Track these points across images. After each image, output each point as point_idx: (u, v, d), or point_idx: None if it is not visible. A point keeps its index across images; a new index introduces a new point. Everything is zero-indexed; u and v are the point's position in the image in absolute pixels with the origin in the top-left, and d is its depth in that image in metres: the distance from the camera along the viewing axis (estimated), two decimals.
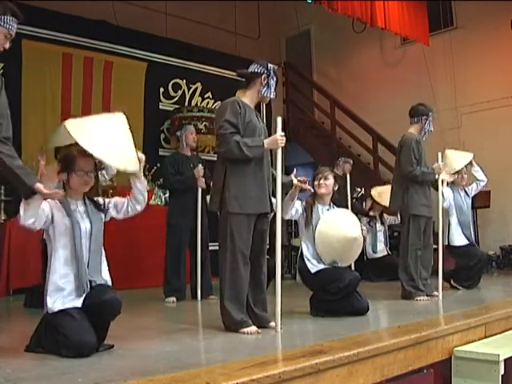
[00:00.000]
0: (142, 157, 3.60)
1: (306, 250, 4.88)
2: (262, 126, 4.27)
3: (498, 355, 3.83)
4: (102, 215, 3.64)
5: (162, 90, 10.04)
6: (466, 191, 6.94)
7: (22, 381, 2.76)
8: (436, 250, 6.17)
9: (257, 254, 4.17)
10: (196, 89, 10.49)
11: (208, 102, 10.56)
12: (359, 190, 9.51)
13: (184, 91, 10.35)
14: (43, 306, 3.40)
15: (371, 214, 8.64)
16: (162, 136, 9.95)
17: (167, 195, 7.93)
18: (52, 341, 3.32)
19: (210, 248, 6.48)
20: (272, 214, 4.17)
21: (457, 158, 6.63)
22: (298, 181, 4.49)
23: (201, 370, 2.89)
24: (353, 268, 5.41)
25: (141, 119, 9.57)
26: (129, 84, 9.37)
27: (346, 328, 4.32)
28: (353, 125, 11.17)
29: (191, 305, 5.99)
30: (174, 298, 6.08)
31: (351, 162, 8.97)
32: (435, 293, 5.90)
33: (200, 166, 6.21)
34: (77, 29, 8.77)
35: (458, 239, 6.72)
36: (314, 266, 4.82)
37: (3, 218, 7.09)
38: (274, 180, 4.07)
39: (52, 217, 3.41)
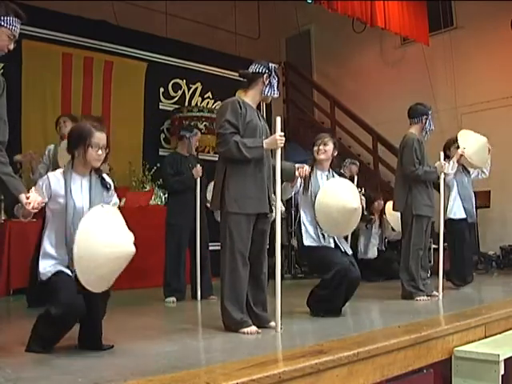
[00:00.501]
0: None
1: (305, 218, 4.85)
2: (264, 126, 4.26)
3: (498, 355, 3.83)
4: (105, 194, 3.62)
5: (162, 89, 10.03)
6: (464, 166, 6.91)
7: (22, 381, 2.76)
8: (437, 249, 6.16)
9: (257, 254, 4.17)
10: (196, 89, 10.49)
11: (208, 102, 10.56)
12: (359, 189, 9.49)
13: (184, 91, 10.35)
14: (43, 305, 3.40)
15: (371, 217, 8.59)
16: (162, 136, 9.94)
17: (167, 195, 7.93)
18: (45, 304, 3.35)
19: (210, 248, 6.48)
20: (272, 214, 4.16)
21: (471, 141, 6.65)
22: (299, 172, 4.45)
23: (201, 369, 2.89)
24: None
25: (141, 119, 9.59)
26: (129, 84, 9.37)
27: (345, 328, 4.33)
28: (353, 125, 11.18)
29: (191, 305, 5.99)
30: (173, 298, 6.07)
31: (357, 163, 8.98)
32: (435, 293, 5.90)
33: (198, 166, 6.20)
34: (77, 29, 8.76)
35: (457, 212, 6.72)
36: (307, 238, 4.80)
37: (3, 217, 7.09)
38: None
39: (51, 194, 3.42)
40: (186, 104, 10.21)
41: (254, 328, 3.99)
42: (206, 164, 6.41)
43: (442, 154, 5.99)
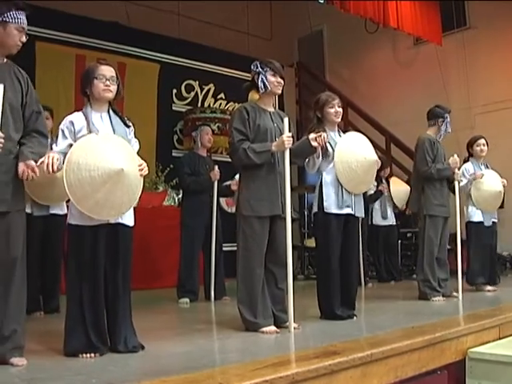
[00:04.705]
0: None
1: (326, 179, 4.65)
2: (277, 128, 4.25)
3: None
4: (127, 130, 3.63)
5: (174, 91, 10.08)
6: (486, 165, 6.85)
7: (36, 381, 2.78)
8: (454, 250, 6.11)
9: (274, 255, 4.18)
10: (209, 90, 10.52)
11: (221, 103, 10.59)
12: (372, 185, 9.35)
13: (197, 92, 10.38)
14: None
15: (380, 188, 8.41)
16: (175, 137, 9.98)
17: (180, 196, 7.95)
18: None
19: (224, 249, 6.49)
20: (287, 215, 4.13)
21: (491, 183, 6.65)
22: (316, 139, 4.24)
23: (214, 370, 2.90)
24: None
25: (154, 120, 9.63)
26: (142, 85, 9.39)
27: (359, 329, 4.33)
28: (365, 125, 11.13)
29: (205, 306, 6.00)
30: (187, 299, 6.08)
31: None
32: (454, 293, 5.89)
33: (216, 168, 6.20)
34: (90, 30, 8.82)
35: (474, 215, 6.67)
36: (327, 199, 4.61)
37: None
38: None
39: (75, 133, 3.43)
40: (199, 105, 10.25)
41: (272, 328, 4.01)
42: (219, 165, 6.41)
43: (456, 156, 5.97)
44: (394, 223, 8.60)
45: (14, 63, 3.31)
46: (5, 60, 3.24)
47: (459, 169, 6.07)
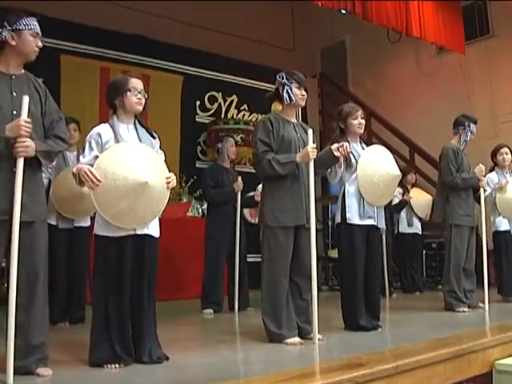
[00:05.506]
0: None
1: (349, 190, 4.65)
2: (300, 139, 4.26)
3: None
4: (153, 141, 3.65)
5: (198, 102, 10.13)
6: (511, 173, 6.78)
7: None
8: (480, 260, 6.03)
9: (299, 266, 4.17)
10: (232, 101, 10.57)
11: (244, 114, 10.62)
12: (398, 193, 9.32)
13: (220, 104, 10.43)
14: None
15: (405, 197, 8.39)
16: (199, 148, 10.04)
17: (204, 207, 7.97)
18: None
19: (248, 260, 6.49)
20: (312, 226, 4.12)
21: None
22: (338, 149, 4.23)
23: (239, 381, 2.90)
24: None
25: (177, 132, 9.69)
26: (165, 97, 9.44)
27: (384, 340, 4.30)
28: (389, 135, 11.09)
29: (229, 317, 6.00)
30: (211, 310, 6.09)
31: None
32: (480, 304, 5.83)
33: (240, 180, 6.22)
34: (114, 43, 8.94)
35: (500, 224, 6.63)
36: (349, 211, 4.61)
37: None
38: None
39: (102, 145, 3.46)
40: (222, 116, 10.29)
41: (297, 339, 4.00)
42: (242, 176, 6.42)
43: (481, 164, 5.94)
44: (420, 232, 8.56)
45: (34, 74, 3.35)
46: (22, 71, 3.27)
47: (484, 176, 6.04)
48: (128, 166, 3.32)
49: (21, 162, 2.97)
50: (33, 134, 3.07)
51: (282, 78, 4.25)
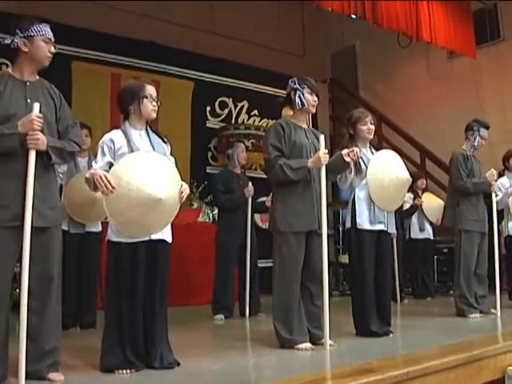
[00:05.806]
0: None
1: (359, 195, 4.66)
2: (311, 144, 4.27)
3: None
4: (165, 147, 3.67)
5: (208, 108, 10.15)
6: None
7: None
8: (491, 265, 6.00)
9: (311, 272, 4.18)
10: (242, 106, 10.59)
11: (254, 120, 10.63)
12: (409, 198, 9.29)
13: (230, 109, 10.45)
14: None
15: (416, 202, 8.38)
16: (210, 154, 10.05)
17: (215, 213, 7.97)
18: None
19: (259, 265, 6.49)
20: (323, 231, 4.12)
21: None
22: (348, 154, 4.21)
23: None
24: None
25: (188, 137, 9.71)
26: (176, 103, 9.45)
27: (395, 346, 4.29)
28: (400, 140, 11.06)
29: (239, 322, 6.00)
30: (222, 316, 6.09)
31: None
32: (492, 310, 5.80)
33: (250, 185, 6.23)
34: (125, 49, 8.97)
35: None
36: (360, 215, 4.62)
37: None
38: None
39: (115, 151, 3.47)
40: (233, 122, 10.32)
41: (308, 345, 4.00)
42: (253, 181, 6.43)
43: (492, 169, 5.92)
44: (431, 237, 8.53)
45: (46, 80, 3.37)
46: (37, 77, 3.29)
47: (496, 181, 6.02)
48: (143, 178, 3.32)
49: (33, 155, 2.99)
50: (47, 136, 3.09)
51: (295, 83, 4.26)
